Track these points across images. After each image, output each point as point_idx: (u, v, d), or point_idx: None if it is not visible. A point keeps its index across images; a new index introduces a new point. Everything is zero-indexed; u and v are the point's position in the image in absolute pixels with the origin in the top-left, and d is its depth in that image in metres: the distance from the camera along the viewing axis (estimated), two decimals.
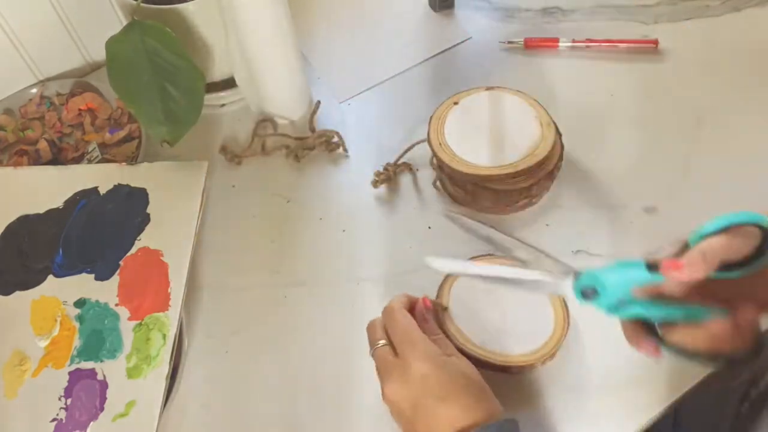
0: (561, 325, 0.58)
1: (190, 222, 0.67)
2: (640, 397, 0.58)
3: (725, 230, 0.43)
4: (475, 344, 0.57)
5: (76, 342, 0.62)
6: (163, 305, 0.63)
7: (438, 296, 0.60)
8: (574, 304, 0.47)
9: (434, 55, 0.82)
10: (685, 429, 0.71)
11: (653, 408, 0.57)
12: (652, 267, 0.43)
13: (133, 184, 0.70)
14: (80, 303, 0.64)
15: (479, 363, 0.54)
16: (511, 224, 0.68)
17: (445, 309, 0.59)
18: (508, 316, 0.59)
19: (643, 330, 0.45)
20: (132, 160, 0.73)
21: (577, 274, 0.46)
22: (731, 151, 0.71)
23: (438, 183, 0.71)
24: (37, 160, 0.74)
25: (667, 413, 0.58)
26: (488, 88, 0.70)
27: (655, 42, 0.79)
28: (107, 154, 0.74)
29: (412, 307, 0.56)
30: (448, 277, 0.61)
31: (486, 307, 0.59)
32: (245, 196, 0.72)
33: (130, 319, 0.63)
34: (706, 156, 0.71)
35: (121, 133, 0.75)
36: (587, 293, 0.45)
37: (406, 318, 0.52)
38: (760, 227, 0.43)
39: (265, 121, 0.77)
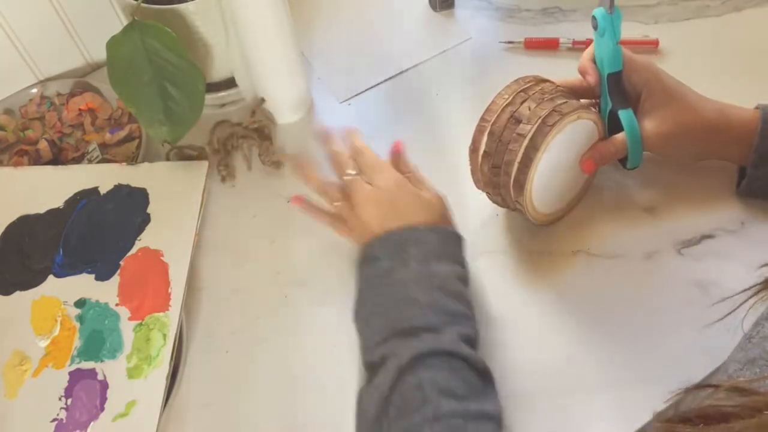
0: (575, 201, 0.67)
1: (190, 222, 0.67)
2: (639, 397, 0.58)
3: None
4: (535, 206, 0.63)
5: (77, 342, 0.62)
6: (164, 305, 0.63)
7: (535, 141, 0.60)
8: None
9: (434, 55, 0.82)
10: None
11: (653, 408, 0.57)
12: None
13: (133, 184, 0.70)
14: (80, 303, 0.64)
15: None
16: (511, 224, 0.68)
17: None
18: (565, 181, 0.64)
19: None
20: (132, 160, 0.73)
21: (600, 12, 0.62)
22: None
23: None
24: (37, 160, 0.74)
25: (667, 413, 0.58)
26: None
27: (655, 42, 0.79)
28: (107, 154, 0.74)
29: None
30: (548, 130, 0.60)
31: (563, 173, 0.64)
32: (245, 196, 0.72)
33: (130, 319, 0.63)
34: None
35: (122, 133, 0.75)
36: (594, 25, 0.62)
37: (372, 151, 0.63)
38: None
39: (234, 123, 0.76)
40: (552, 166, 0.61)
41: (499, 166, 0.61)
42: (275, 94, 0.75)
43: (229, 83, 0.77)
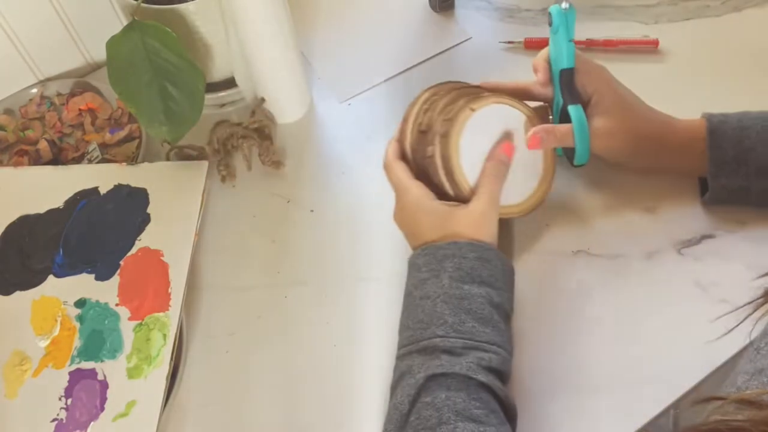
0: (544, 187, 0.64)
1: (190, 222, 0.67)
2: (640, 397, 0.58)
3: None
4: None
5: (77, 342, 0.62)
6: (164, 305, 0.63)
7: (450, 130, 0.60)
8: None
9: (434, 55, 0.82)
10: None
11: (653, 408, 0.57)
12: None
13: (133, 184, 0.70)
14: (80, 303, 0.64)
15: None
16: (510, 223, 0.68)
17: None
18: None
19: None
20: (132, 160, 0.73)
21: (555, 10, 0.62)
22: None
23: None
24: (37, 160, 0.74)
25: (666, 413, 0.58)
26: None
27: (655, 42, 0.79)
28: (107, 154, 0.74)
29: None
30: (459, 117, 0.60)
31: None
32: (245, 196, 0.72)
33: (130, 319, 0.63)
34: None
35: (122, 133, 0.75)
36: (549, 21, 0.63)
37: (398, 168, 0.62)
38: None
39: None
40: (477, 168, 0.61)
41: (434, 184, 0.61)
42: (275, 94, 0.75)
43: (229, 83, 0.77)
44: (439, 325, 0.53)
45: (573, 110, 0.63)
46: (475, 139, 0.60)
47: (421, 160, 0.62)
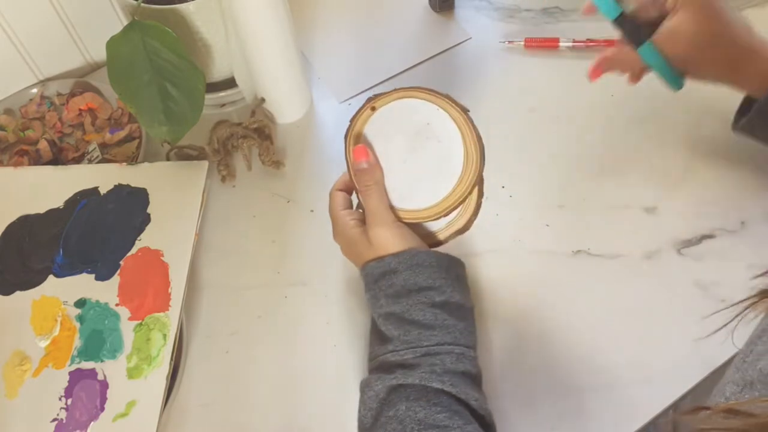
0: (463, 189, 0.57)
1: (191, 222, 0.67)
2: (639, 397, 0.58)
3: None
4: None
5: (77, 342, 0.62)
6: (164, 305, 0.63)
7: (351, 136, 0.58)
8: None
9: (434, 55, 0.82)
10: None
11: (652, 408, 0.58)
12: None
13: (133, 184, 0.70)
14: (81, 303, 0.64)
15: None
16: (511, 224, 0.68)
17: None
18: (419, 169, 0.57)
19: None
20: (132, 160, 0.73)
21: None
22: (731, 150, 0.71)
23: None
24: (37, 160, 0.74)
25: (666, 413, 0.58)
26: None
27: None
28: (108, 154, 0.74)
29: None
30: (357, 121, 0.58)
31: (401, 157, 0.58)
32: (245, 196, 0.73)
33: (130, 319, 0.63)
34: (706, 156, 0.71)
35: (122, 133, 0.75)
36: None
37: (333, 199, 0.61)
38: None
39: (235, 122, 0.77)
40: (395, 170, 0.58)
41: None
42: (275, 94, 0.75)
43: (229, 83, 0.77)
44: (389, 341, 0.53)
45: (643, 52, 0.61)
46: (385, 139, 0.57)
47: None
